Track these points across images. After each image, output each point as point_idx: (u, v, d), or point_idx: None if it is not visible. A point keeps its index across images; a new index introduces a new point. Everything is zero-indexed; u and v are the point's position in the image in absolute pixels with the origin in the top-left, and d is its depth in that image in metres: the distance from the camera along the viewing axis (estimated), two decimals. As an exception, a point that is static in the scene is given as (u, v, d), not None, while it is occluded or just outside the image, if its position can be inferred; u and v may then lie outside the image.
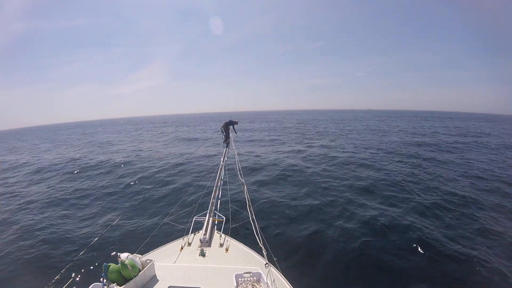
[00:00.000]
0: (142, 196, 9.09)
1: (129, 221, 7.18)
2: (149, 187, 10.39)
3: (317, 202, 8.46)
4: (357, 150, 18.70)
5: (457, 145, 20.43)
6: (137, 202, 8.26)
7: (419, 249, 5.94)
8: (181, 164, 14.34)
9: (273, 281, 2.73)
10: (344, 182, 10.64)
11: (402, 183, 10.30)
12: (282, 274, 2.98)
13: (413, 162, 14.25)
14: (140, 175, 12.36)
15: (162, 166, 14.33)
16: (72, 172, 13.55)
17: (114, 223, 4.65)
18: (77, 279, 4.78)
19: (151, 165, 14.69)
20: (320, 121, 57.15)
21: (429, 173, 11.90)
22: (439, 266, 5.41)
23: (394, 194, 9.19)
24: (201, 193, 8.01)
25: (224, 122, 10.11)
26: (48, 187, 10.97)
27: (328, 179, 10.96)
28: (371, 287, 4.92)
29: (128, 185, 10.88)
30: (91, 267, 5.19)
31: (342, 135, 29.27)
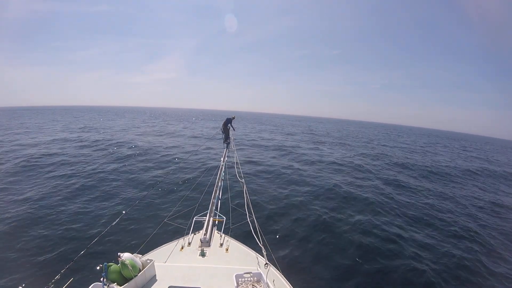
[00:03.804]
0: (142, 196, 9.09)
1: (129, 221, 7.18)
2: (149, 187, 10.38)
3: (317, 203, 8.46)
4: (366, 158, 18.70)
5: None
6: (137, 202, 8.26)
7: (419, 251, 5.94)
8: (181, 164, 14.34)
9: (273, 281, 2.72)
10: (346, 185, 10.64)
11: (406, 191, 10.28)
12: (282, 274, 2.98)
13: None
14: (140, 175, 12.35)
15: (162, 166, 14.33)
16: (71, 171, 13.53)
17: (114, 223, 4.64)
18: (77, 279, 4.78)
19: (151, 165, 14.69)
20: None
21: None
22: (438, 270, 5.41)
23: (395, 202, 9.18)
24: (201, 193, 8.00)
25: (222, 122, 10.13)
26: (46, 187, 10.96)
27: (331, 183, 10.95)
28: (370, 287, 4.92)
29: (128, 185, 10.87)
30: (91, 267, 5.19)
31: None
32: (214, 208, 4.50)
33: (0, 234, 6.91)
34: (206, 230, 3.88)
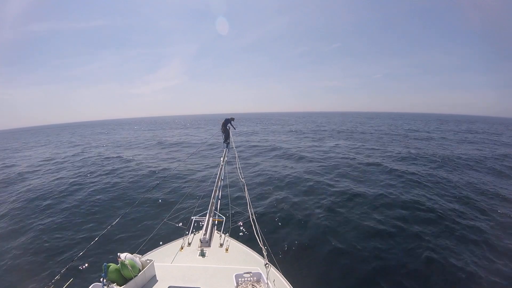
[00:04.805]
0: (142, 196, 9.09)
1: (129, 221, 7.18)
2: (149, 187, 10.39)
3: (318, 203, 8.46)
4: (367, 155, 18.65)
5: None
6: (137, 202, 8.26)
7: (420, 251, 5.94)
8: (181, 164, 14.34)
9: (273, 281, 2.72)
10: (346, 185, 10.63)
11: (411, 191, 10.24)
12: (282, 274, 2.98)
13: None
14: (140, 176, 12.36)
15: (162, 166, 14.33)
16: (72, 173, 13.55)
17: (114, 223, 4.64)
18: (77, 279, 4.78)
19: (151, 165, 14.69)
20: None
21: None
22: (439, 269, 5.40)
23: (400, 198, 9.13)
24: (201, 193, 8.01)
25: (222, 123, 10.14)
26: (48, 187, 10.97)
27: (331, 182, 10.95)
28: (370, 287, 4.92)
29: (128, 185, 10.88)
30: (91, 267, 5.19)
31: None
32: (214, 208, 4.51)
33: (0, 234, 6.92)
34: (206, 230, 3.89)
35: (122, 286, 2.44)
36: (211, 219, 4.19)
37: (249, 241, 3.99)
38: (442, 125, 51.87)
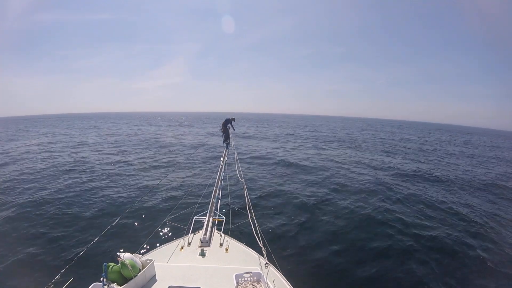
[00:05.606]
0: (142, 196, 9.09)
1: (129, 221, 7.17)
2: (149, 186, 10.38)
3: (318, 203, 8.46)
4: (368, 156, 18.65)
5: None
6: (137, 202, 8.25)
7: (420, 252, 5.94)
8: (181, 163, 14.35)
9: (273, 281, 2.72)
10: (346, 187, 10.64)
11: (413, 192, 10.27)
12: (282, 274, 2.98)
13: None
14: (140, 175, 12.35)
15: (163, 165, 14.33)
16: (71, 171, 13.53)
17: (114, 223, 4.64)
18: (77, 279, 4.77)
19: (152, 164, 14.69)
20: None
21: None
22: (439, 269, 5.41)
23: (400, 200, 9.15)
24: (201, 193, 8.00)
25: (222, 122, 10.14)
26: (47, 186, 10.96)
27: (332, 183, 10.96)
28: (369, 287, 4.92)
29: (128, 185, 10.87)
30: (91, 267, 5.18)
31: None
32: (214, 208, 4.51)
33: (0, 234, 6.91)
34: (206, 230, 3.89)
35: (122, 286, 2.44)
36: (211, 219, 4.19)
37: (249, 241, 3.99)
38: (441, 135, 51.71)
